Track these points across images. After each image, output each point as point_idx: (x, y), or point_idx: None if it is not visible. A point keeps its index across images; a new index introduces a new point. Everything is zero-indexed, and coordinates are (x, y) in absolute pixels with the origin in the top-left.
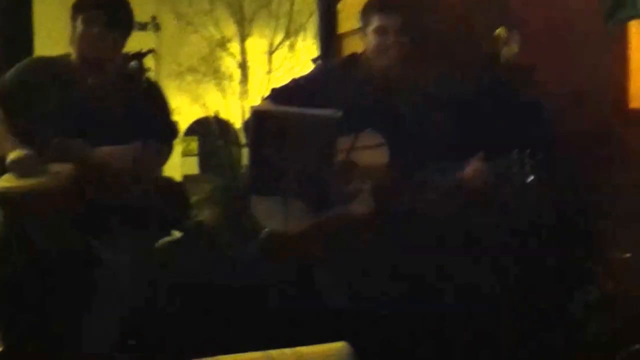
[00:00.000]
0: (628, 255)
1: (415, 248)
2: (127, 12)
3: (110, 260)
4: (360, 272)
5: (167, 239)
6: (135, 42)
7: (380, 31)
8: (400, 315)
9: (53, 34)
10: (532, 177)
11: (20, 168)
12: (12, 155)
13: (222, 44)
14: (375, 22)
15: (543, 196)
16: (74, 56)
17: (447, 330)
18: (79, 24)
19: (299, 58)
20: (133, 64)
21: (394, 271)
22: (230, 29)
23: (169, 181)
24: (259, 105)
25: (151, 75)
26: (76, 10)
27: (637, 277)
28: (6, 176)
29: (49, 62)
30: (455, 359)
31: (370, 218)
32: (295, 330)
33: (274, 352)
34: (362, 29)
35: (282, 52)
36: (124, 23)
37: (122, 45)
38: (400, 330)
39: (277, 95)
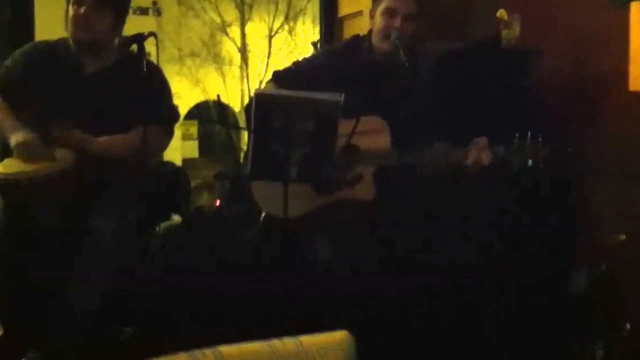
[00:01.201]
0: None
1: (411, 226)
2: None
3: (107, 233)
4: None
5: (167, 223)
6: (137, 27)
7: (388, 12)
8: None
9: (54, 19)
10: (530, 162)
11: (26, 152)
12: (18, 138)
13: (223, 28)
14: (384, 4)
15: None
16: (70, 40)
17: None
18: (70, 6)
19: (299, 42)
20: (133, 47)
21: (389, 249)
22: (230, 13)
23: (170, 166)
24: (261, 89)
25: (154, 57)
26: None
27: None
28: (10, 160)
29: (48, 47)
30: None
31: (372, 201)
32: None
33: (275, 341)
34: (371, 10)
35: (282, 36)
36: (117, 4)
37: (119, 28)
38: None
39: (280, 77)
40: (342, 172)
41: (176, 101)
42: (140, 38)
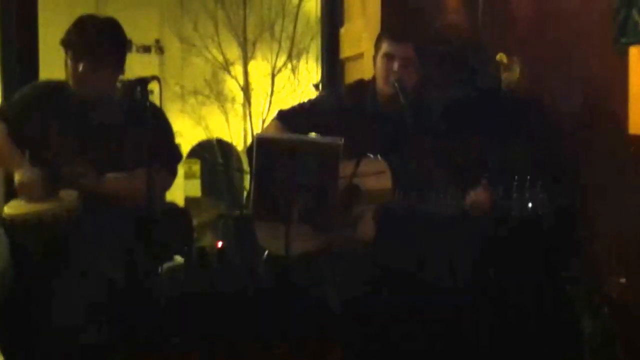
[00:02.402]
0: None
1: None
2: (116, 44)
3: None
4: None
5: (169, 264)
6: (139, 65)
7: (387, 57)
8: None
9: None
10: (530, 205)
11: (29, 191)
12: (22, 177)
13: (226, 66)
14: (384, 48)
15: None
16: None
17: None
18: (68, 59)
19: (302, 81)
20: (137, 91)
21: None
22: (233, 51)
23: (174, 207)
24: (262, 133)
25: (154, 98)
26: (64, 46)
27: None
28: (15, 202)
29: (51, 87)
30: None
31: (373, 242)
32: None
33: None
34: (374, 55)
35: (285, 74)
36: (114, 55)
37: (118, 74)
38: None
39: (284, 116)
40: (343, 212)
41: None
42: (143, 82)
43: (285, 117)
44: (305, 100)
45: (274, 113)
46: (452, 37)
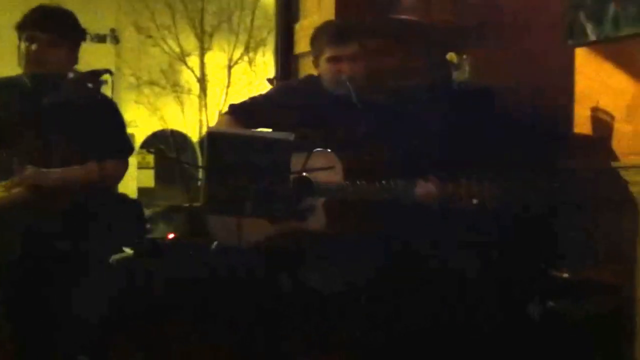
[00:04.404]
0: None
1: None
2: (72, 28)
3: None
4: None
5: (119, 255)
6: (94, 55)
7: (334, 60)
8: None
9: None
10: (476, 201)
11: None
12: None
13: (182, 57)
14: (327, 53)
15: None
16: (24, 76)
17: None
18: (22, 43)
19: (258, 74)
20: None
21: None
22: (190, 42)
23: (124, 197)
24: (214, 127)
25: (109, 88)
26: (19, 30)
27: None
28: None
29: (4, 82)
30: None
31: (323, 233)
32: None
33: None
34: (314, 58)
35: (242, 66)
36: (70, 38)
37: (73, 60)
38: None
39: (235, 111)
40: (294, 204)
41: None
42: (95, 74)
43: (237, 112)
44: (257, 95)
45: (235, 102)
46: (405, 31)
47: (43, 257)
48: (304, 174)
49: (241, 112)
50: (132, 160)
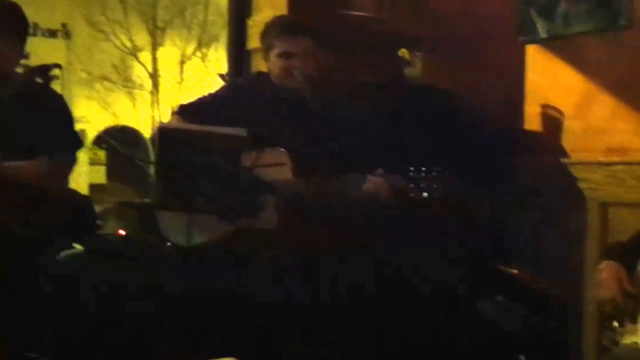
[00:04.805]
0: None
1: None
2: (16, 20)
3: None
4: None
5: (68, 252)
6: (45, 50)
7: (285, 56)
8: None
9: None
10: (426, 194)
11: None
12: None
13: (134, 52)
14: (278, 48)
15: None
16: None
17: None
18: None
19: (212, 69)
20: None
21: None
22: (142, 37)
23: (74, 193)
24: (165, 123)
25: (60, 83)
26: None
27: None
28: None
29: None
30: None
31: (275, 231)
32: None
33: None
34: (264, 53)
35: (194, 62)
36: (15, 31)
37: (19, 55)
38: None
39: (185, 111)
40: (245, 201)
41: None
42: (44, 69)
43: (187, 111)
44: (206, 94)
45: (183, 101)
46: (357, 27)
47: None
48: (255, 170)
49: (191, 112)
50: (84, 157)
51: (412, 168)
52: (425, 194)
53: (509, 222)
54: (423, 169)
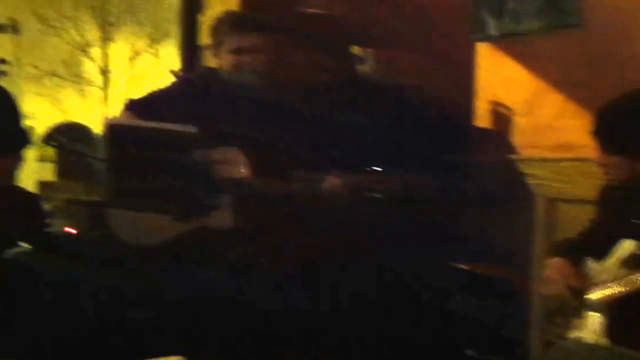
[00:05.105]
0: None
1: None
2: None
3: None
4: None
5: (14, 250)
6: None
7: (236, 52)
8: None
9: None
10: (378, 195)
11: None
12: None
13: (84, 48)
14: (228, 44)
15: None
16: None
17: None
18: None
19: (163, 65)
20: None
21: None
22: (92, 33)
23: (22, 191)
24: (113, 119)
25: (8, 79)
26: None
27: None
28: None
29: None
30: None
31: (230, 230)
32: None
33: None
34: (214, 49)
35: (146, 58)
36: None
37: None
38: None
39: (135, 106)
40: (197, 200)
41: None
42: None
43: (136, 107)
44: (156, 90)
45: (134, 97)
46: (309, 24)
47: None
48: (208, 168)
49: (141, 108)
50: (32, 154)
51: (368, 167)
52: (380, 194)
53: (462, 218)
54: (379, 168)
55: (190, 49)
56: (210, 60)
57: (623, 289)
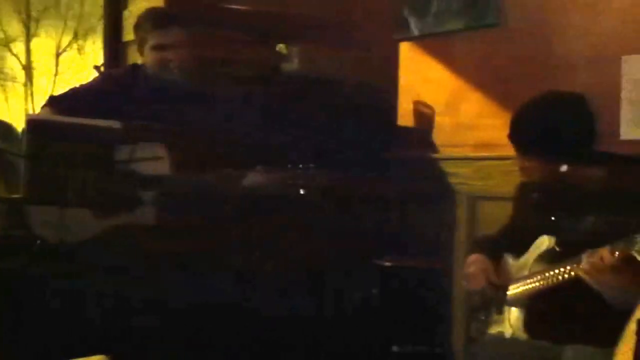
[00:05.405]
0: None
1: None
2: None
3: None
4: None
5: None
6: None
7: (159, 48)
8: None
9: None
10: (303, 192)
11: None
12: None
13: (6, 43)
14: (151, 40)
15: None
16: None
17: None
18: None
19: (88, 61)
20: None
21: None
22: (14, 28)
23: None
24: (35, 115)
25: None
26: None
27: None
28: None
29: None
30: None
31: (153, 226)
32: None
33: None
34: (138, 46)
35: (70, 54)
36: None
37: None
38: None
39: (57, 102)
40: (122, 197)
41: None
42: None
43: (58, 103)
44: (79, 85)
45: (56, 93)
46: (233, 20)
47: None
48: (131, 164)
49: (63, 104)
50: None
51: (289, 164)
52: (302, 190)
53: (385, 215)
54: (300, 165)
55: (114, 45)
56: (134, 57)
57: (540, 284)
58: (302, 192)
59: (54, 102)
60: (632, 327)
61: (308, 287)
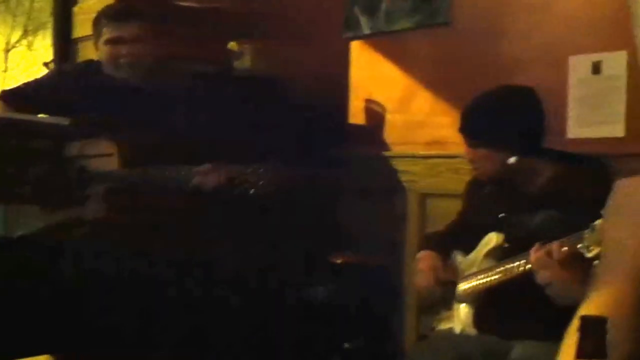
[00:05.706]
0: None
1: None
2: None
3: None
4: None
5: None
6: None
7: (113, 42)
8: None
9: None
10: (252, 191)
11: None
12: None
13: None
14: (106, 34)
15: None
16: None
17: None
18: None
19: (37, 57)
20: None
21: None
22: None
23: None
24: None
25: None
26: None
27: None
28: None
29: None
30: None
31: (104, 221)
32: None
33: None
34: (95, 42)
35: (20, 50)
36: None
37: None
38: None
39: (7, 97)
40: (72, 192)
41: None
42: None
43: (9, 98)
44: (31, 80)
45: (5, 89)
46: (186, 17)
47: None
48: (81, 160)
49: (13, 99)
50: None
51: (239, 163)
52: (252, 190)
53: (336, 212)
54: (251, 164)
55: (64, 42)
56: (84, 53)
57: (490, 280)
58: (251, 191)
59: (5, 96)
60: (575, 323)
61: (258, 285)
